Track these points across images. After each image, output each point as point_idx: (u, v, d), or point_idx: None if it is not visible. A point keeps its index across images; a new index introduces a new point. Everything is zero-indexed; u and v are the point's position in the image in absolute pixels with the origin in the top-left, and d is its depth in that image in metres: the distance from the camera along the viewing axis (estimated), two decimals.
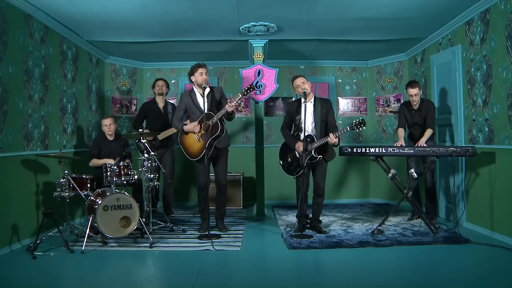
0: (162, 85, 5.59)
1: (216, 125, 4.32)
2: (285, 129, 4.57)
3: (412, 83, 4.78)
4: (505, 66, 3.97)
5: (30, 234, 4.22)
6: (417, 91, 4.71)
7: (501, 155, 4.10)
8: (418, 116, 4.79)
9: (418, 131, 4.81)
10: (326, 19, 4.82)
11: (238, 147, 6.85)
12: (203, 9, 4.45)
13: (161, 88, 5.56)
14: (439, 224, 4.66)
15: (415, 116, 4.81)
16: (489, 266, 3.38)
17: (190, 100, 4.50)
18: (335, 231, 4.53)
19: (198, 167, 4.53)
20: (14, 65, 4.04)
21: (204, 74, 4.42)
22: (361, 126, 4.10)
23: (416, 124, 4.82)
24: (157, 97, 5.60)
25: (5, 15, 3.92)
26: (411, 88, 4.73)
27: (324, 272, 3.38)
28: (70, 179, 4.24)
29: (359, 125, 4.11)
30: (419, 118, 4.78)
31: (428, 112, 4.71)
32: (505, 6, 3.97)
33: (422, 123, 4.77)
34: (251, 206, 6.26)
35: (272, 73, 5.39)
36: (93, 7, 4.32)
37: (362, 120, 4.11)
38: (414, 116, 4.81)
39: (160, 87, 5.56)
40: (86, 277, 3.26)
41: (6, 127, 3.92)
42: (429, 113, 4.71)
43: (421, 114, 4.77)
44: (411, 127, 4.91)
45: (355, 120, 4.14)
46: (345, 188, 6.93)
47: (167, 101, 5.67)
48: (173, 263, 3.57)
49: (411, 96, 4.74)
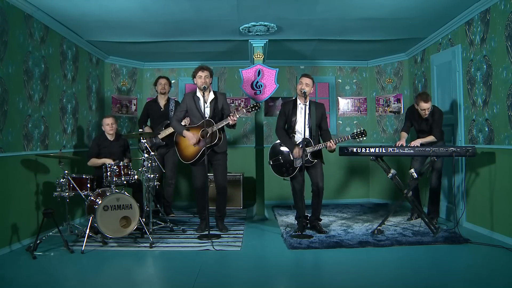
0: (165, 84, 5.56)
1: (214, 134, 4.32)
2: (282, 130, 4.55)
3: (425, 96, 4.54)
4: (505, 66, 3.97)
5: (30, 234, 4.22)
6: (429, 106, 4.53)
7: (501, 155, 4.10)
8: (425, 124, 4.70)
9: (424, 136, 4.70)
10: (326, 19, 4.82)
11: (238, 147, 6.85)
12: (203, 9, 4.45)
13: (164, 87, 5.54)
14: (439, 224, 4.66)
15: (423, 124, 4.73)
16: (489, 266, 3.38)
17: (193, 102, 4.49)
18: (335, 231, 4.53)
19: (194, 170, 4.53)
20: (14, 65, 4.04)
21: (203, 77, 4.38)
22: (361, 136, 4.23)
23: (424, 131, 4.74)
24: (158, 96, 5.59)
25: (5, 15, 3.92)
26: (424, 102, 4.51)
27: (324, 272, 3.38)
28: (70, 179, 4.24)
29: (360, 135, 4.24)
30: (426, 126, 4.70)
31: (434, 120, 4.59)
32: (505, 6, 3.97)
33: (428, 130, 4.68)
34: (251, 206, 6.26)
35: (272, 73, 5.38)
36: (93, 7, 4.32)
37: (363, 130, 4.24)
38: (422, 124, 4.74)
39: (162, 86, 5.53)
40: (86, 277, 3.26)
41: (6, 127, 3.92)
42: (435, 122, 4.59)
43: (428, 122, 4.68)
44: (418, 132, 4.84)
45: (357, 130, 4.24)
46: (345, 188, 6.93)
47: (170, 99, 5.62)
48: (173, 263, 3.57)
49: (425, 110, 4.55)
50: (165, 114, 5.51)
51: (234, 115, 4.27)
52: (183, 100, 4.58)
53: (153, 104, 5.59)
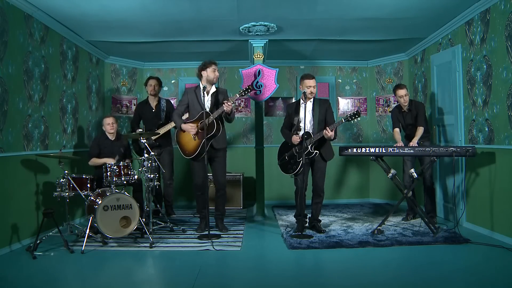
0: (155, 85, 5.53)
1: (212, 124, 4.32)
2: (284, 129, 4.62)
3: (400, 84, 4.98)
4: (505, 66, 3.97)
5: (30, 234, 4.22)
6: (405, 92, 4.88)
7: (501, 155, 4.10)
8: (409, 117, 4.93)
9: (413, 131, 4.90)
10: (326, 19, 4.82)
11: (238, 147, 6.85)
12: (203, 9, 4.45)
13: (154, 88, 5.52)
14: (439, 224, 4.66)
15: (407, 117, 4.95)
16: (489, 266, 3.38)
17: (194, 96, 4.50)
18: (335, 231, 4.53)
19: (194, 166, 4.54)
20: (14, 65, 4.05)
21: (216, 71, 4.48)
22: (355, 117, 4.20)
23: (410, 125, 4.95)
24: (149, 96, 5.59)
25: (5, 15, 3.92)
26: (400, 89, 4.90)
27: (324, 272, 3.38)
28: (70, 179, 4.24)
29: (354, 116, 4.20)
30: (411, 119, 4.92)
31: (418, 111, 4.87)
32: (505, 6, 3.97)
33: (414, 122, 4.91)
34: (251, 206, 6.26)
35: (272, 73, 5.38)
36: (93, 7, 4.32)
37: (357, 111, 4.22)
38: (406, 117, 4.96)
39: (152, 87, 5.51)
40: (86, 277, 3.26)
41: (6, 127, 3.92)
42: (419, 112, 4.88)
43: (412, 114, 4.91)
44: (406, 128, 5.03)
45: (351, 112, 4.21)
46: (345, 188, 6.93)
47: (161, 99, 5.62)
48: (173, 263, 3.57)
49: (401, 97, 4.89)
50: (157, 114, 5.50)
51: (228, 101, 4.30)
52: (184, 94, 4.60)
53: (144, 106, 5.58)
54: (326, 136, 4.18)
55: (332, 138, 4.23)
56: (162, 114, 5.49)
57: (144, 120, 5.58)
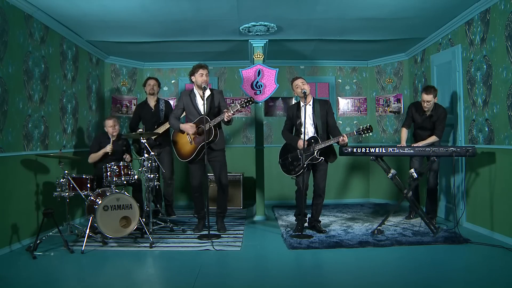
0: (154, 85, 5.54)
1: (210, 130, 4.31)
2: (286, 132, 4.61)
3: (428, 88, 4.59)
4: (505, 66, 3.97)
5: (30, 234, 4.22)
6: (432, 98, 4.54)
7: (501, 155, 4.10)
8: (428, 121, 4.70)
9: (425, 134, 4.74)
10: (326, 19, 4.82)
11: (238, 147, 6.85)
12: (203, 9, 4.45)
13: (152, 88, 5.52)
14: (439, 224, 4.66)
15: (425, 121, 4.72)
16: (489, 266, 3.38)
17: (189, 100, 4.49)
18: (335, 231, 4.53)
19: (192, 168, 4.54)
20: (14, 65, 4.04)
21: (205, 75, 4.39)
22: (368, 132, 4.21)
23: (424, 128, 4.76)
24: (148, 97, 5.59)
25: (5, 15, 3.92)
26: (426, 94, 4.55)
27: (324, 272, 3.38)
28: (70, 179, 4.24)
29: (366, 131, 4.21)
30: (429, 123, 4.70)
31: (438, 119, 4.61)
32: (505, 6, 3.97)
33: (430, 127, 4.69)
34: (251, 206, 6.26)
35: (272, 73, 5.38)
36: (93, 7, 4.32)
37: (370, 126, 4.22)
38: (424, 120, 4.73)
39: (151, 87, 5.52)
40: (86, 277, 3.26)
41: (6, 127, 3.92)
42: (439, 121, 4.60)
43: (431, 119, 4.69)
44: (419, 128, 4.84)
45: (364, 125, 4.22)
46: (345, 188, 6.93)
47: (159, 99, 5.63)
48: (173, 263, 3.57)
49: (424, 102, 4.58)
50: (156, 114, 5.50)
51: (228, 111, 4.26)
52: (180, 99, 4.60)
53: (144, 106, 5.59)
54: (342, 142, 4.21)
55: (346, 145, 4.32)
56: (161, 114, 5.50)
57: (143, 121, 5.58)
